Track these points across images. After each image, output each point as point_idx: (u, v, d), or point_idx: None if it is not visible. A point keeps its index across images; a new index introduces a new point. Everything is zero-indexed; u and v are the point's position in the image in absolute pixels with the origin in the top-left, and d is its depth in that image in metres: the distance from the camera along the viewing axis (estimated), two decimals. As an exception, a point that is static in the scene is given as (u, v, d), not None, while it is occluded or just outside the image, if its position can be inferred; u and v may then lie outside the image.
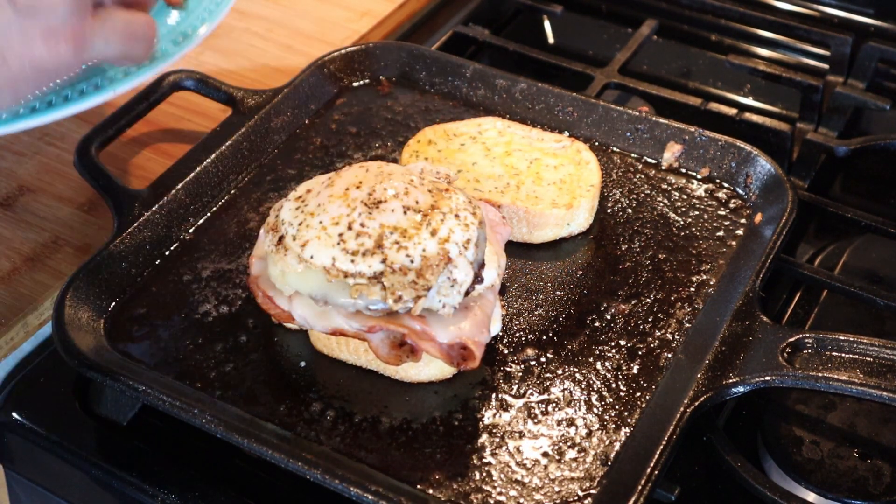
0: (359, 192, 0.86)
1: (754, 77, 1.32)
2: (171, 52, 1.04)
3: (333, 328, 0.87)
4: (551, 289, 1.00)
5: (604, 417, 0.88)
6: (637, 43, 1.34)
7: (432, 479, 0.84)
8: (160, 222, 1.03)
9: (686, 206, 1.08)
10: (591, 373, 0.92)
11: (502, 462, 0.85)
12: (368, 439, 0.87)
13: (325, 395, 0.90)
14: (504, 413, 0.89)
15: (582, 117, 1.17)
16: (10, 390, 0.97)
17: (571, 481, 0.84)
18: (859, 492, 0.87)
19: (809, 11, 1.39)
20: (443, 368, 0.90)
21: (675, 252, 1.03)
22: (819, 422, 0.92)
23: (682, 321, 0.96)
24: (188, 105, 1.24)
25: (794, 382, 0.87)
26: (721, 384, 0.87)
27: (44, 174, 1.16)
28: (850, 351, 0.87)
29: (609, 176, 1.11)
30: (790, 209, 1.02)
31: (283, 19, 1.41)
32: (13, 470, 0.98)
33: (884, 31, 1.35)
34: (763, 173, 1.07)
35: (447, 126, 1.13)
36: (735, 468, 0.85)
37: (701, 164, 1.11)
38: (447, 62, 1.23)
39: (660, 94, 1.24)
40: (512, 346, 0.94)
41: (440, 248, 0.84)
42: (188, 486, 0.89)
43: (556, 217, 1.03)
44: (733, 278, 0.99)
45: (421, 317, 0.85)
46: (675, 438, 0.83)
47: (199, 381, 0.91)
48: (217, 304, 0.97)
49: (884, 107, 1.22)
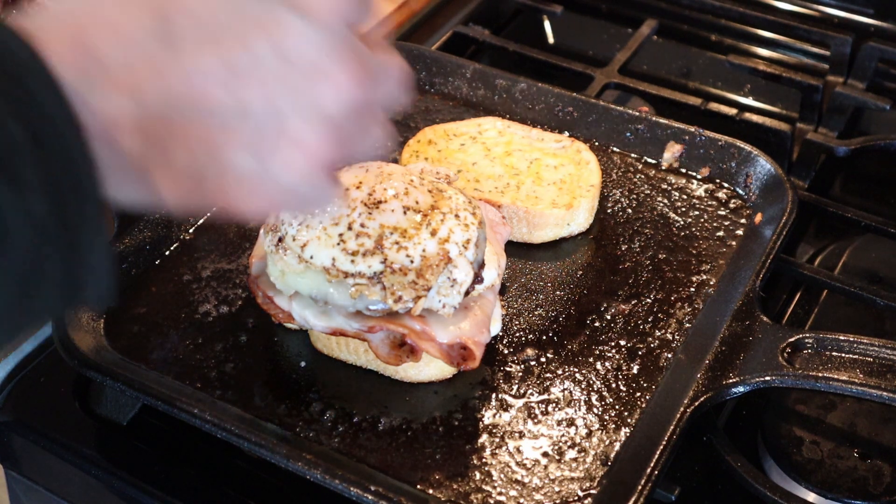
0: (359, 192, 0.86)
1: (754, 77, 1.32)
2: None
3: (333, 328, 0.87)
4: (551, 289, 1.00)
5: (604, 417, 0.88)
6: (637, 43, 1.34)
7: (432, 479, 0.84)
8: (160, 222, 1.03)
9: (686, 206, 1.08)
10: (591, 373, 0.92)
11: (502, 462, 0.85)
12: (368, 439, 0.87)
13: (325, 395, 0.90)
14: (504, 413, 0.89)
15: (582, 117, 1.17)
16: (10, 390, 0.97)
17: (571, 481, 0.84)
18: (859, 492, 0.87)
19: (809, 11, 1.39)
20: (443, 368, 0.90)
21: (675, 252, 1.03)
22: (819, 422, 0.92)
23: (682, 321, 0.96)
24: (188, 105, 1.24)
25: (794, 382, 0.87)
26: (721, 384, 0.87)
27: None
28: (850, 351, 0.87)
29: (609, 176, 1.11)
30: (790, 209, 1.02)
31: (283, 19, 1.41)
32: (13, 470, 0.98)
33: (884, 31, 1.35)
34: (763, 173, 1.07)
35: (447, 126, 1.13)
36: (735, 468, 0.85)
37: (701, 164, 1.11)
38: (447, 62, 1.23)
39: (660, 94, 1.24)
40: (512, 346, 0.94)
41: (440, 249, 0.84)
42: (188, 486, 0.89)
43: (556, 217, 1.03)
44: (733, 278, 0.99)
45: (421, 317, 0.85)
46: (675, 438, 0.83)
47: (199, 381, 0.91)
48: (217, 304, 0.97)
49: (884, 107, 1.22)
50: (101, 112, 0.54)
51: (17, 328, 0.54)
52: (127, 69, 0.54)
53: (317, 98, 0.57)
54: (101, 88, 0.53)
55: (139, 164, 0.56)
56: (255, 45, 0.55)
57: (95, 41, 0.54)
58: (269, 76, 0.56)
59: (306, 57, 0.57)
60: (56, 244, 0.52)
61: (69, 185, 0.52)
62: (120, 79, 0.54)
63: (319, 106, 0.58)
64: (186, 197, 0.58)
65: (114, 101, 0.54)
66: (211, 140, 0.56)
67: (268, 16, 0.56)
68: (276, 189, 0.59)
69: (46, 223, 0.51)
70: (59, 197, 0.51)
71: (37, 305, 0.53)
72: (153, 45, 0.54)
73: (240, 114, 0.56)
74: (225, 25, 0.55)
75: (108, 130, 0.54)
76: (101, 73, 0.53)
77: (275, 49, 0.56)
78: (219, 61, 0.55)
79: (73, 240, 0.53)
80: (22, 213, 0.50)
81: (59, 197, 0.51)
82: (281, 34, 0.56)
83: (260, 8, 0.56)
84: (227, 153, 0.57)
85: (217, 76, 0.55)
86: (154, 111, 0.54)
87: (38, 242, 0.51)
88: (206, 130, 0.56)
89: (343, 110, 0.59)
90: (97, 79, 0.53)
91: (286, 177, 0.58)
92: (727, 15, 1.40)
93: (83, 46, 0.53)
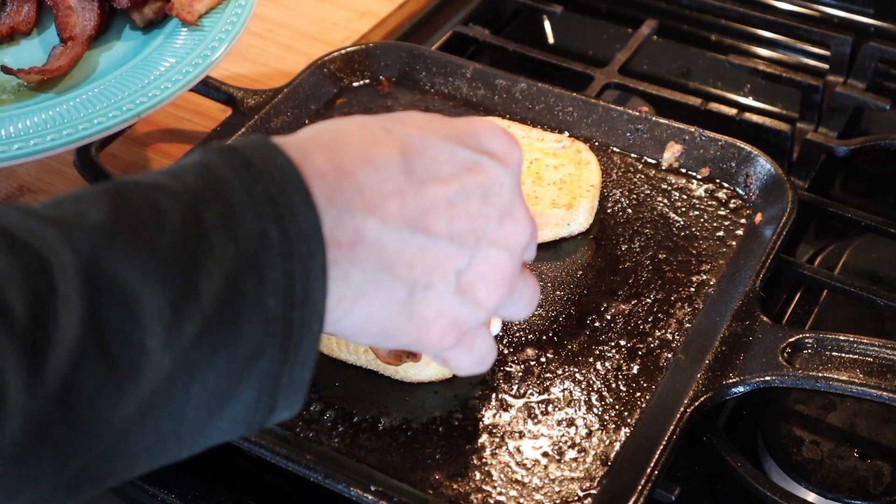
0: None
1: (754, 77, 1.32)
2: (191, 73, 1.05)
3: (333, 328, 0.87)
4: (551, 289, 1.00)
5: (604, 417, 0.88)
6: (637, 43, 1.34)
7: (432, 479, 0.84)
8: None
9: (686, 206, 1.08)
10: (591, 373, 0.92)
11: (502, 462, 0.85)
12: (368, 439, 0.87)
13: (325, 395, 0.90)
14: (504, 413, 0.89)
15: (582, 117, 1.17)
16: (10, 390, 0.97)
17: (571, 481, 0.84)
18: (859, 492, 0.87)
19: (809, 11, 1.39)
20: (443, 368, 0.90)
21: (675, 252, 1.03)
22: (819, 422, 0.92)
23: (682, 321, 0.96)
24: (188, 105, 1.24)
25: (794, 382, 0.87)
26: (721, 384, 0.87)
27: (44, 174, 1.16)
28: (850, 351, 0.87)
29: (609, 176, 1.11)
30: (790, 209, 1.02)
31: (283, 19, 1.41)
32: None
33: (884, 31, 1.35)
34: (763, 173, 1.07)
35: (447, 126, 1.13)
36: (735, 468, 0.85)
37: (701, 164, 1.11)
38: (447, 62, 1.23)
39: (660, 94, 1.24)
40: (512, 346, 0.94)
41: (440, 248, 0.84)
42: (188, 486, 0.89)
43: (556, 217, 1.03)
44: (733, 278, 0.99)
45: (421, 317, 0.85)
46: (675, 438, 0.83)
47: (199, 381, 0.90)
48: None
49: (884, 107, 1.22)
50: (354, 228, 0.60)
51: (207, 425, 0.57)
52: (380, 194, 0.61)
53: (506, 234, 0.67)
54: (357, 207, 0.60)
55: (366, 284, 0.62)
56: (468, 185, 0.65)
57: (351, 167, 0.61)
58: (476, 211, 0.65)
59: (504, 198, 0.67)
60: (277, 343, 0.57)
61: (303, 294, 0.57)
62: (374, 201, 0.61)
63: (506, 241, 0.67)
64: (387, 325, 0.64)
65: (367, 220, 0.61)
66: (429, 262, 0.64)
67: (474, 161, 0.66)
68: (467, 317, 0.67)
69: (275, 322, 0.56)
70: (292, 301, 0.57)
71: (235, 408, 0.57)
72: (399, 177, 0.63)
73: (454, 241, 0.65)
74: (445, 166, 0.65)
75: (354, 246, 0.60)
76: (357, 194, 0.61)
77: (482, 189, 0.66)
78: (444, 195, 0.64)
79: (290, 345, 0.57)
80: (260, 306, 0.56)
81: (293, 301, 0.57)
82: (484, 178, 0.66)
83: (467, 154, 0.66)
84: (440, 274, 0.64)
85: (441, 207, 0.64)
86: (393, 233, 0.62)
87: (263, 335, 0.56)
88: (428, 253, 0.64)
89: (521, 249, 0.68)
90: (354, 199, 0.60)
91: (481, 295, 0.66)
92: (727, 15, 1.40)
93: (340, 170, 0.61)
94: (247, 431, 0.59)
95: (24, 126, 1.00)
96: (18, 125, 1.00)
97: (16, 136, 0.98)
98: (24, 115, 1.02)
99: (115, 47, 1.14)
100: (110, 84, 1.06)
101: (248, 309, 0.55)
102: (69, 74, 1.10)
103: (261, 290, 0.56)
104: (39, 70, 1.08)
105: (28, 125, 1.00)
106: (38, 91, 1.07)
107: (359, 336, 0.65)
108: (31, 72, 1.08)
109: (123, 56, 1.12)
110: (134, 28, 1.16)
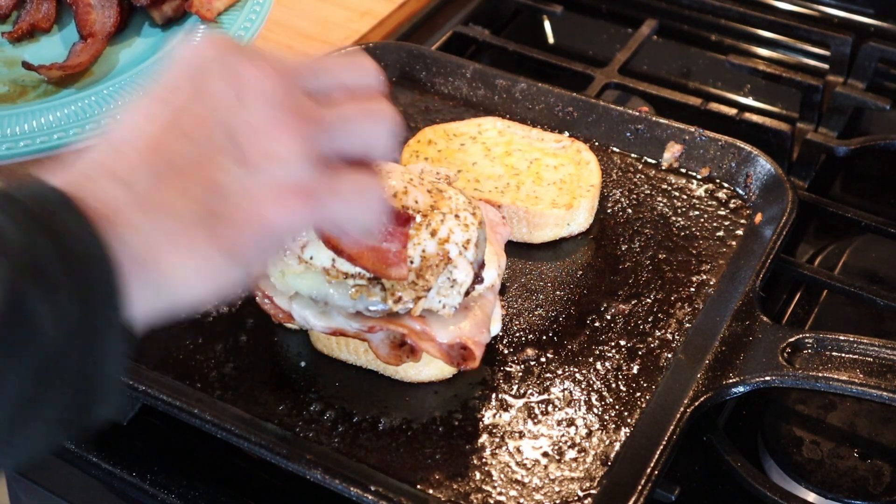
0: (359, 192, 0.86)
1: (754, 77, 1.32)
2: None
3: (333, 328, 0.87)
4: (551, 289, 1.00)
5: (604, 417, 0.88)
6: (637, 43, 1.34)
7: (432, 479, 0.84)
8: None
9: (686, 206, 1.08)
10: (591, 373, 0.92)
11: (502, 462, 0.85)
12: (368, 439, 0.87)
13: (325, 395, 0.90)
14: (504, 413, 0.89)
15: (582, 117, 1.17)
16: (10, 390, 0.97)
17: (571, 481, 0.84)
18: (859, 492, 0.87)
19: (809, 11, 1.39)
20: (443, 368, 0.90)
21: (675, 252, 1.03)
22: (819, 422, 0.92)
23: (682, 321, 0.96)
24: (188, 105, 1.24)
25: (794, 382, 0.87)
26: (721, 384, 0.87)
27: (44, 174, 1.16)
28: (850, 351, 0.87)
29: (609, 176, 1.11)
30: (790, 209, 1.02)
31: (283, 19, 1.41)
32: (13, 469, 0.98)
33: (884, 31, 1.35)
34: (763, 173, 1.07)
35: (447, 126, 1.13)
36: (735, 468, 0.85)
37: (701, 164, 1.11)
38: (447, 62, 1.23)
39: (660, 94, 1.24)
40: (512, 346, 0.94)
41: (440, 249, 0.84)
42: (188, 486, 0.89)
43: (556, 217, 1.03)
44: (733, 278, 0.99)
45: (421, 317, 0.85)
46: (675, 438, 0.83)
47: (199, 381, 0.91)
48: (217, 304, 0.97)
49: (884, 107, 1.22)
50: (100, 201, 0.59)
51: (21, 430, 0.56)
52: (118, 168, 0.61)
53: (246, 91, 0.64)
54: (98, 184, 0.60)
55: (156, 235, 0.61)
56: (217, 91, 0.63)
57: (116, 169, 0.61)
58: (205, 113, 0.63)
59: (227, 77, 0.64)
60: (78, 344, 0.56)
61: (96, 290, 0.57)
62: (115, 170, 0.61)
63: (250, 97, 0.63)
64: (229, 246, 0.62)
65: (108, 190, 0.60)
66: (199, 176, 0.61)
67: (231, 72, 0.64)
68: (277, 184, 0.63)
69: (72, 323, 0.56)
70: (87, 299, 0.56)
71: (46, 410, 0.57)
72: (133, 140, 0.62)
73: (199, 143, 0.62)
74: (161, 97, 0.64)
75: (112, 215, 0.59)
76: (99, 168, 0.61)
77: (237, 93, 0.63)
78: (167, 122, 0.62)
79: (94, 342, 0.57)
80: (54, 310, 0.55)
81: (87, 300, 0.56)
82: (239, 85, 0.63)
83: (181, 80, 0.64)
84: (216, 177, 0.62)
85: (168, 133, 0.62)
86: (143, 185, 0.61)
87: (62, 341, 0.55)
88: (189, 173, 0.61)
89: (271, 93, 0.64)
90: (97, 175, 0.61)
91: (274, 166, 0.63)
92: (727, 15, 1.40)
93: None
94: (67, 432, 0.59)
95: (46, 121, 1.01)
96: (42, 119, 1.01)
97: (39, 131, 1.00)
98: (47, 110, 1.03)
99: (134, 44, 1.15)
100: (131, 80, 1.07)
101: (42, 309, 0.55)
102: (90, 71, 1.11)
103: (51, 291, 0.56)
104: (60, 66, 1.09)
105: (51, 120, 1.01)
106: (60, 87, 1.09)
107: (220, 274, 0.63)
108: (52, 68, 1.09)
109: (143, 52, 1.13)
110: (153, 25, 1.16)
